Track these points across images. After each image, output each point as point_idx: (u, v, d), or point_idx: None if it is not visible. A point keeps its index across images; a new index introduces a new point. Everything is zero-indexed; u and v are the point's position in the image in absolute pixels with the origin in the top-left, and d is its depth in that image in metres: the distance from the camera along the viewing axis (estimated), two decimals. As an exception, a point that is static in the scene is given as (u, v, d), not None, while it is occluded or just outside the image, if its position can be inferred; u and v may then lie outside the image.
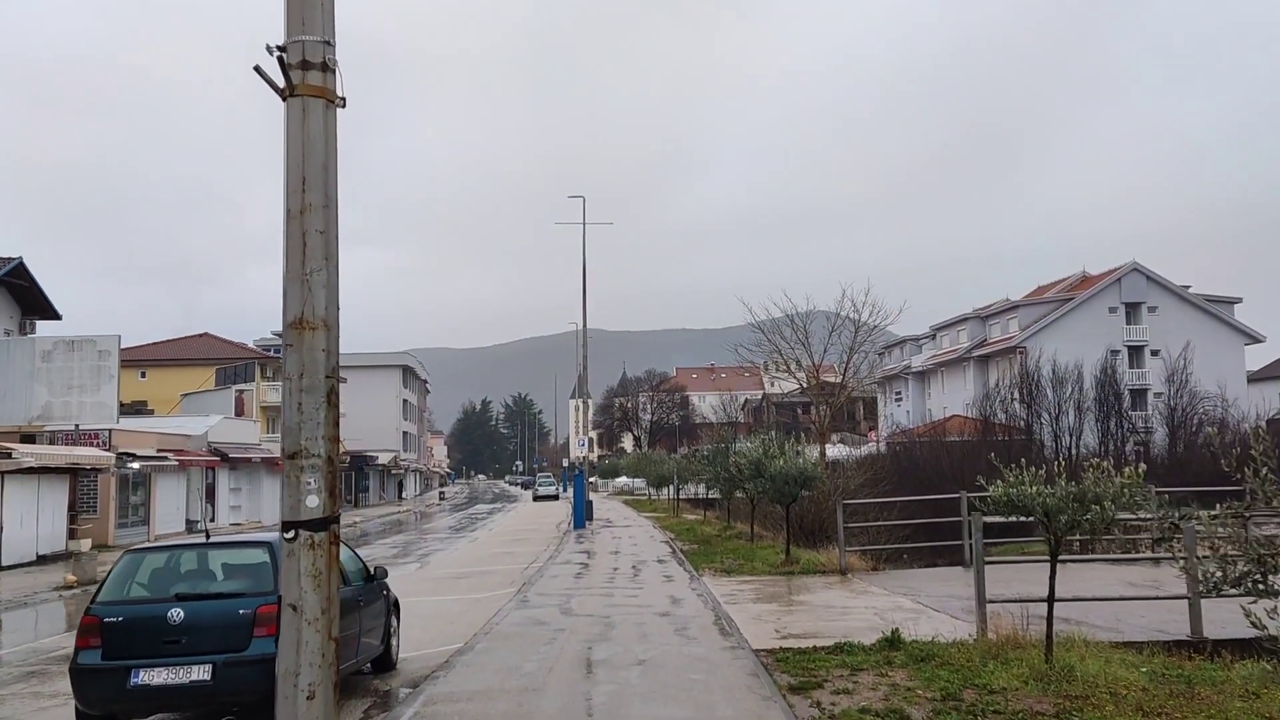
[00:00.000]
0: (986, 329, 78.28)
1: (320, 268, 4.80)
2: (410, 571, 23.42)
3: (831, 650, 10.65)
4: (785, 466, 19.79)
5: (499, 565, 23.58)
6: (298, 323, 4.76)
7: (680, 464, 44.92)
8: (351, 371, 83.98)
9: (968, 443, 50.22)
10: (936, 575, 17.81)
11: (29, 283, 43.38)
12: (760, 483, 20.41)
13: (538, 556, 25.05)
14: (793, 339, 28.70)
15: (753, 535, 26.82)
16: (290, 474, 4.70)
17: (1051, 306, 73.00)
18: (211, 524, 42.66)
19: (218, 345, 61.94)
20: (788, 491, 19.80)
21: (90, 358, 31.67)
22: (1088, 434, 57.73)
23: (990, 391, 64.92)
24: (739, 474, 25.47)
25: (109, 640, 8.12)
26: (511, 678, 9.89)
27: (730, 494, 28.48)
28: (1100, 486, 9.00)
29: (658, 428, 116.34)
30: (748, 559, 21.86)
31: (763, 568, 19.89)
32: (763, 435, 22.81)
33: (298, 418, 4.75)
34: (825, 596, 15.51)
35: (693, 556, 23.14)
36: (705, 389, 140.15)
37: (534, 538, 33.13)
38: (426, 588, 19.41)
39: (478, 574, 21.60)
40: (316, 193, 4.80)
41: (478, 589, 18.64)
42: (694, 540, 28.65)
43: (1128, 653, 10.24)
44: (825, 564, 19.26)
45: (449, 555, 27.75)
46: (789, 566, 19.38)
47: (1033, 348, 66.45)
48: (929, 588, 15.94)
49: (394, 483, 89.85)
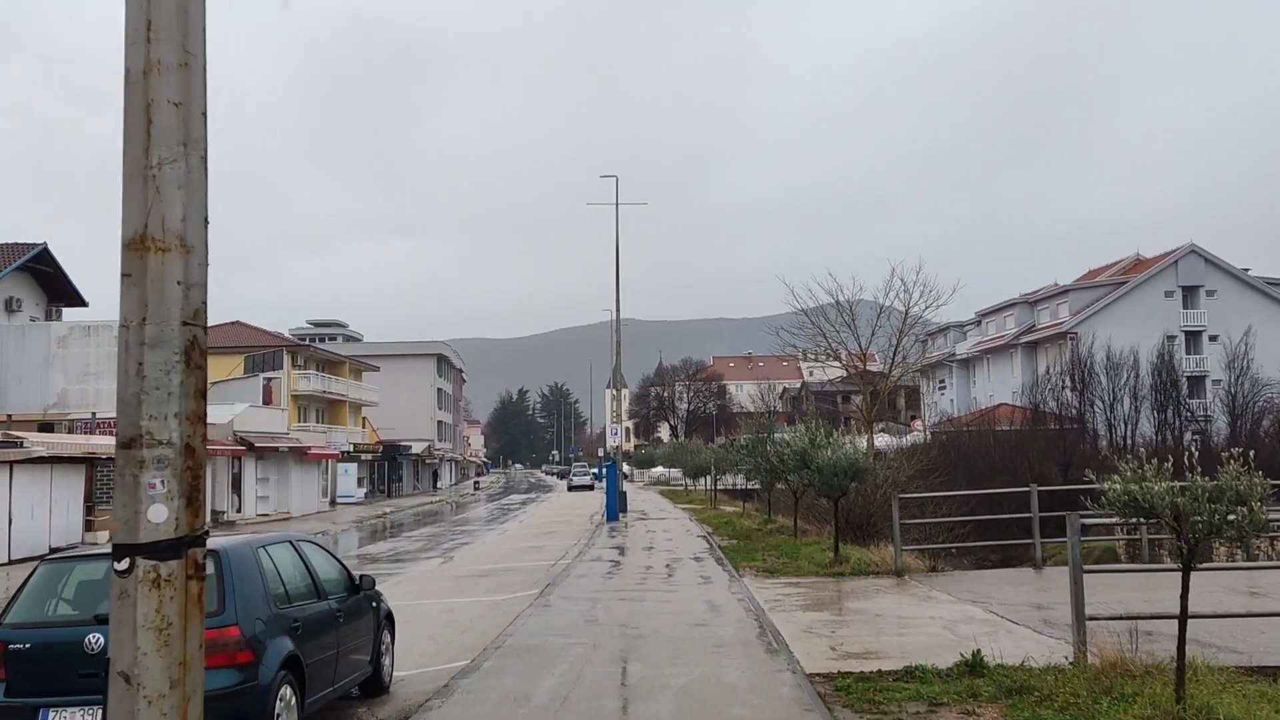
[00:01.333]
0: (1035, 314, 75.66)
1: (175, 157, 3.11)
2: (433, 568, 21.99)
3: (901, 676, 8.93)
4: (834, 457, 18.05)
5: (525, 561, 22.08)
6: (139, 241, 3.10)
7: (718, 454, 43.25)
8: (384, 360, 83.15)
9: (1020, 432, 48.06)
10: (1004, 579, 15.98)
11: (54, 269, 42.60)
12: (806, 474, 18.69)
13: (566, 552, 23.52)
14: (838, 322, 26.87)
15: (796, 530, 25.11)
16: (124, 470, 3.07)
17: (1104, 290, 70.27)
18: (237, 514, 41.67)
19: (249, 333, 61.10)
20: (836, 484, 18.05)
21: (107, 343, 30.55)
22: (1143, 423, 55.40)
23: (1040, 379, 62.62)
24: (782, 465, 23.78)
25: (14, 671, 6.63)
26: (517, 710, 8.29)
27: (771, 486, 26.78)
28: (1242, 483, 7.20)
29: (694, 417, 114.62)
30: (792, 557, 20.18)
31: (809, 567, 18.19)
32: (808, 423, 21.06)
33: (136, 385, 3.10)
34: (883, 603, 13.78)
35: (732, 553, 21.48)
36: (743, 378, 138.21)
37: (565, 531, 31.64)
38: (445, 587, 17.92)
39: (501, 571, 20.09)
40: (170, 44, 3.13)
41: (498, 589, 17.11)
42: (733, 535, 26.98)
43: (1263, 682, 8.43)
44: (878, 564, 17.52)
45: (475, 550, 26.31)
46: (838, 567, 17.66)
47: (1084, 333, 63.86)
48: (999, 594, 14.16)
49: (429, 473, 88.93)
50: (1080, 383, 57.68)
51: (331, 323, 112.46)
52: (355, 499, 60.91)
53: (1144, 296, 68.83)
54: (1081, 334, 64.80)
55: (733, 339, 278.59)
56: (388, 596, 10.51)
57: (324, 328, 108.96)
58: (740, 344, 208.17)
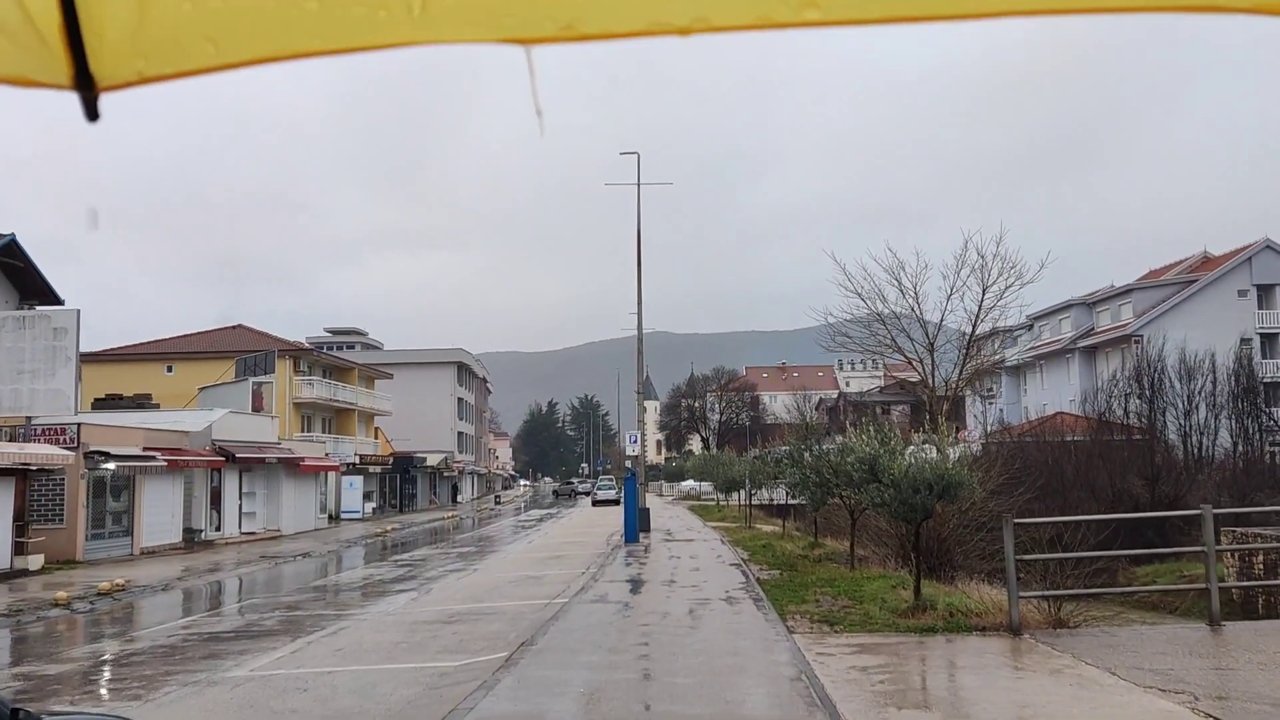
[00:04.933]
0: (1094, 317, 70.23)
1: None
2: (396, 608, 17.45)
3: None
4: (916, 469, 13.35)
5: (512, 599, 17.51)
6: None
7: (753, 466, 38.50)
8: (399, 369, 79.03)
9: (1095, 442, 42.89)
10: (1175, 642, 11.10)
11: (24, 263, 38.76)
12: (876, 490, 13.95)
13: (569, 585, 18.95)
14: (900, 303, 22.21)
15: (853, 558, 20.31)
16: None
17: (1171, 290, 64.80)
18: (217, 533, 37.43)
19: (252, 337, 57.15)
20: (919, 504, 13.32)
21: (45, 336, 26.45)
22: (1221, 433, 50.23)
23: (1105, 385, 57.39)
24: (834, 477, 19.05)
25: None
26: None
27: (823, 502, 22.02)
28: None
29: (726, 428, 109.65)
30: (854, 597, 15.48)
31: (880, 615, 13.48)
32: (876, 425, 16.36)
33: None
34: (1019, 689, 9.06)
35: (775, 591, 16.79)
36: (777, 389, 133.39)
37: (575, 555, 27.09)
38: (389, 642, 13.35)
39: (475, 615, 15.51)
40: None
41: (458, 648, 12.53)
42: (774, 563, 22.27)
43: None
44: (977, 613, 12.79)
45: (462, 581, 21.75)
46: (922, 617, 12.94)
47: (1149, 336, 58.52)
48: (1186, 670, 9.37)
49: (447, 486, 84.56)
50: (1150, 389, 52.58)
51: (350, 330, 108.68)
52: (361, 515, 56.66)
53: (1215, 296, 63.36)
54: (1147, 337, 59.51)
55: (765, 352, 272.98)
56: (300, 657, 5.98)
57: (342, 335, 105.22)
58: (773, 356, 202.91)
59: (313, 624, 15.59)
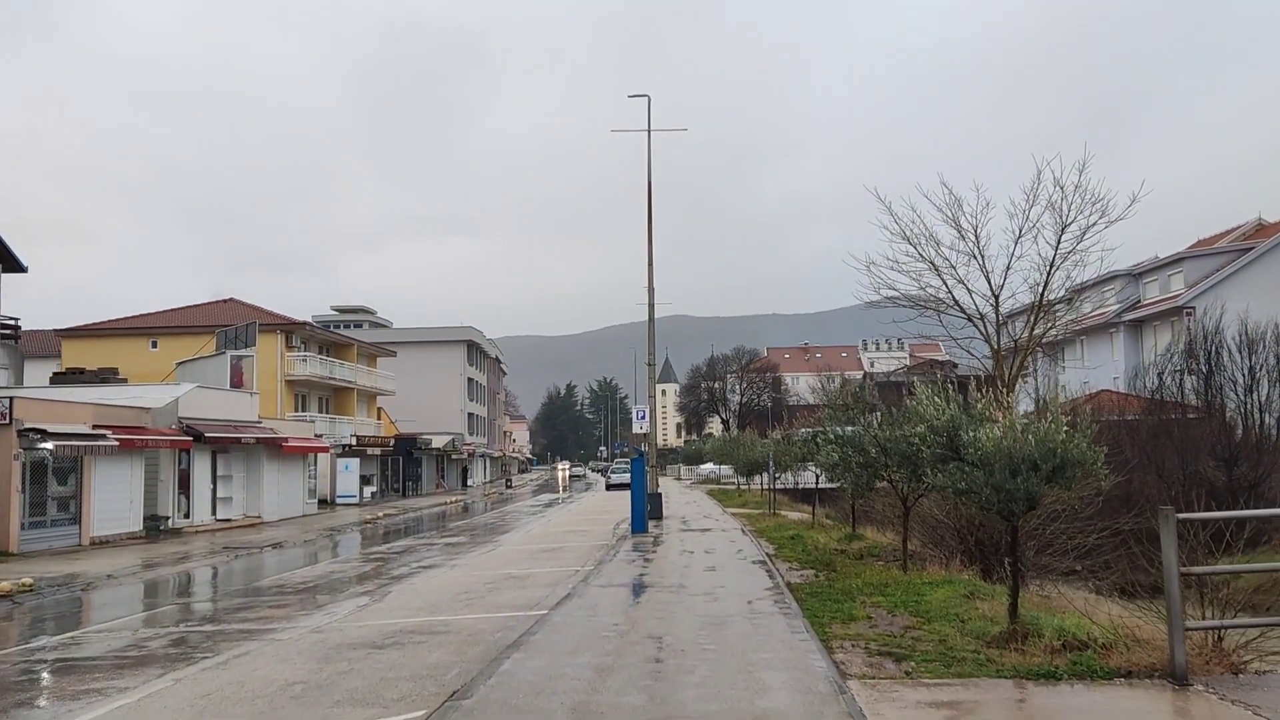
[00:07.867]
0: (1141, 288, 65.68)
1: None
2: (332, 621, 13.77)
3: None
4: (1015, 443, 9.51)
5: (477, 610, 13.83)
6: None
7: (777, 447, 34.69)
8: (405, 348, 75.53)
9: (1160, 421, 38.74)
10: None
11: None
12: (959, 472, 10.09)
13: (553, 591, 15.27)
14: (958, 248, 18.32)
15: (906, 555, 16.44)
16: None
17: (1227, 258, 60.20)
18: (185, 520, 33.98)
19: (244, 312, 53.62)
20: (1018, 491, 9.47)
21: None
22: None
23: (1157, 360, 53.15)
24: (886, 458, 15.25)
25: None
26: None
27: (869, 487, 18.17)
28: None
29: (747, 410, 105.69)
30: (918, 613, 11.72)
31: (963, 643, 9.71)
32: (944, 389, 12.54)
33: None
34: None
35: (811, 603, 13.00)
36: (799, 370, 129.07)
37: (574, 547, 23.46)
38: (285, 680, 9.62)
39: (418, 639, 11.79)
40: None
41: (359, 702, 8.78)
42: (806, 560, 18.50)
43: None
44: (1104, 643, 9.00)
45: (427, 584, 18.06)
46: (1027, 650, 9.12)
47: (1203, 308, 54.09)
48: None
49: (456, 469, 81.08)
50: (1208, 364, 48.24)
51: (358, 309, 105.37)
52: (358, 500, 53.24)
53: (1274, 264, 58.81)
54: (1200, 308, 55.10)
55: (787, 335, 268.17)
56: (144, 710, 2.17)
57: (349, 314, 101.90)
58: (795, 339, 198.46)
59: (208, 647, 11.95)
